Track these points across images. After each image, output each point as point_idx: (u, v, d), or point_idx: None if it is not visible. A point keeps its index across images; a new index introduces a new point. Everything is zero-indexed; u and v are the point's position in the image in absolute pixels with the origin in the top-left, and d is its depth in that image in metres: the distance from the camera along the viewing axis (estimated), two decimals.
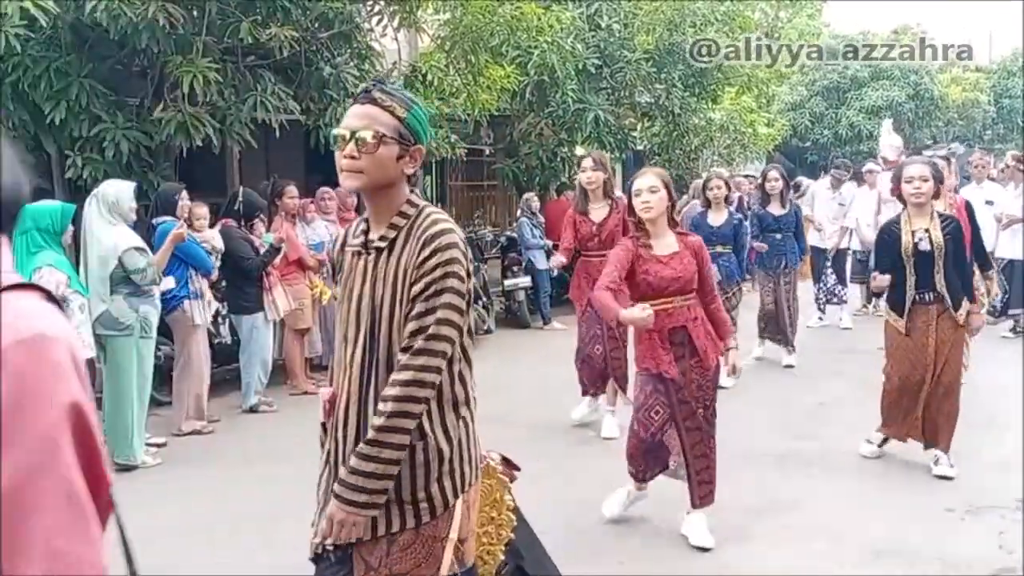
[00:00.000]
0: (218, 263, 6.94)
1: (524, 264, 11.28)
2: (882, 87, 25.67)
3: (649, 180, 4.47)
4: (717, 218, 7.82)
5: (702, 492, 4.61)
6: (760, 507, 5.05)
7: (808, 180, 13.40)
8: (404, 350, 2.27)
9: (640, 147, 14.71)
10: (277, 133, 7.90)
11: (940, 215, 5.39)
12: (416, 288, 2.27)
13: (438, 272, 2.26)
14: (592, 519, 4.92)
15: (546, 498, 5.25)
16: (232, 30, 7.31)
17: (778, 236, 8.51)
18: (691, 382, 4.50)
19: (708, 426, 4.59)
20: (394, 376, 2.27)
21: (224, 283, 7.30)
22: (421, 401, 2.26)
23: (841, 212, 10.72)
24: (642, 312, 4.03)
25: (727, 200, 7.95)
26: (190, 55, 7.09)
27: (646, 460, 4.68)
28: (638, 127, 14.35)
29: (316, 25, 8.19)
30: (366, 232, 2.44)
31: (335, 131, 2.34)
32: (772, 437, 6.40)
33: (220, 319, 7.63)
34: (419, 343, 2.25)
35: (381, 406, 2.27)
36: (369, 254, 2.39)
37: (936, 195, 5.39)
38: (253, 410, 7.27)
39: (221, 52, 7.50)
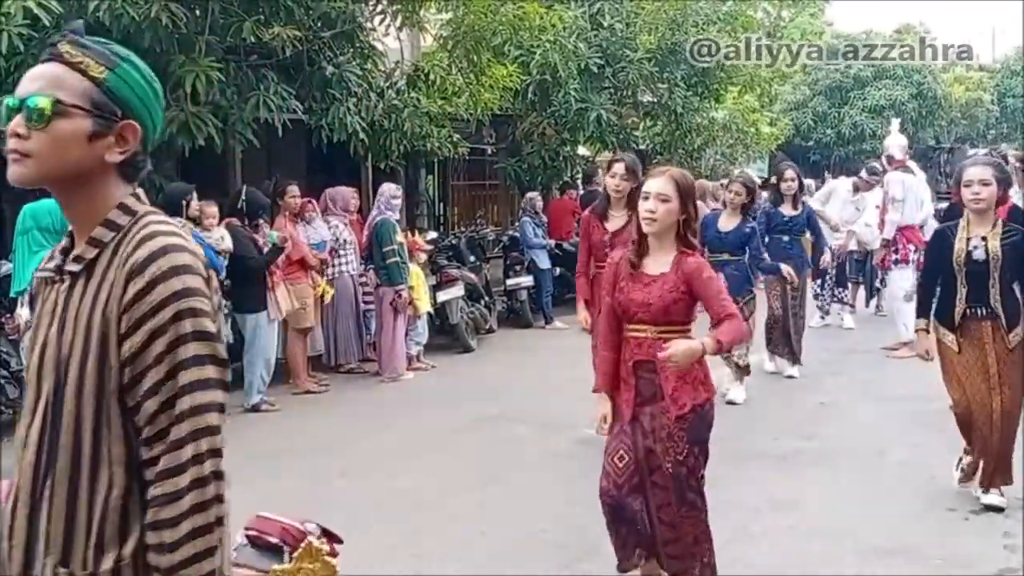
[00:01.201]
0: (226, 262, 6.96)
1: (526, 263, 11.29)
2: (885, 86, 25.64)
3: (660, 184, 3.63)
4: (728, 223, 7.37)
5: (670, 569, 3.75)
6: (760, 506, 5.06)
7: (831, 180, 13.45)
8: (149, 456, 1.56)
9: (643, 146, 14.70)
10: (280, 132, 7.91)
11: (1005, 223, 4.82)
12: (131, 343, 1.54)
13: (165, 314, 1.54)
14: (593, 518, 4.92)
15: (548, 497, 5.27)
16: (235, 29, 7.32)
17: (785, 238, 8.14)
18: (661, 428, 3.61)
19: (681, 487, 3.63)
20: (155, 514, 1.54)
21: (228, 282, 7.31)
22: (214, 530, 1.60)
23: (857, 216, 10.67)
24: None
25: (745, 208, 7.43)
26: (193, 54, 7.10)
27: (627, 535, 3.74)
28: (640, 126, 14.35)
29: (319, 24, 8.20)
30: (66, 250, 1.67)
31: (7, 100, 1.62)
32: (773, 436, 6.40)
33: (224, 318, 7.65)
34: (170, 443, 1.54)
35: None
36: (62, 281, 1.63)
37: (1002, 201, 4.94)
38: (255, 409, 7.28)
39: (224, 51, 7.50)
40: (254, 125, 7.71)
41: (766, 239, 8.16)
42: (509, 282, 11.34)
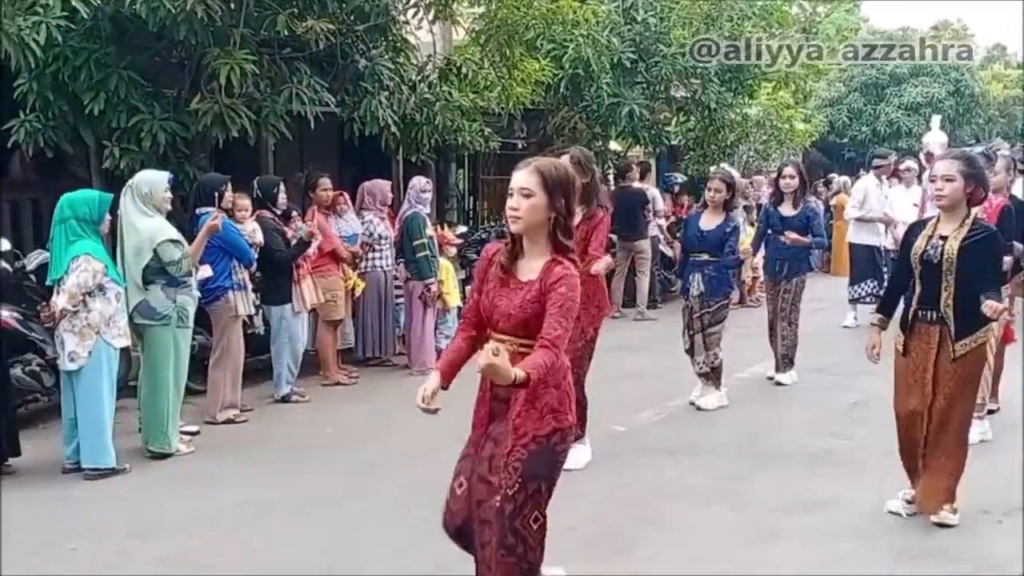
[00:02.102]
0: (256, 254, 7.00)
1: None
2: (922, 83, 25.30)
3: (522, 178, 3.17)
4: (709, 221, 7.03)
5: None
6: (790, 506, 5.01)
7: (843, 177, 13.24)
8: None
9: (675, 142, 14.62)
10: (312, 125, 7.94)
11: (975, 222, 4.52)
12: None
13: None
14: (625, 515, 4.92)
15: (578, 494, 5.26)
16: (269, 22, 7.36)
17: (782, 239, 7.72)
18: (500, 456, 3.22)
19: (503, 527, 3.16)
20: None
21: (259, 274, 7.36)
22: None
23: (886, 203, 10.53)
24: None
25: (727, 206, 7.08)
26: (227, 47, 7.15)
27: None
28: (673, 122, 14.25)
29: (352, 18, 8.23)
30: None
31: None
32: (804, 436, 6.35)
33: (254, 309, 7.70)
34: None
35: None
36: None
37: (977, 200, 4.56)
38: (285, 400, 7.33)
39: (258, 44, 7.55)
40: (287, 118, 7.75)
41: (767, 239, 7.97)
42: None
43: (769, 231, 7.94)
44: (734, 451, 6.01)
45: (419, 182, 8.53)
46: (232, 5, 7.20)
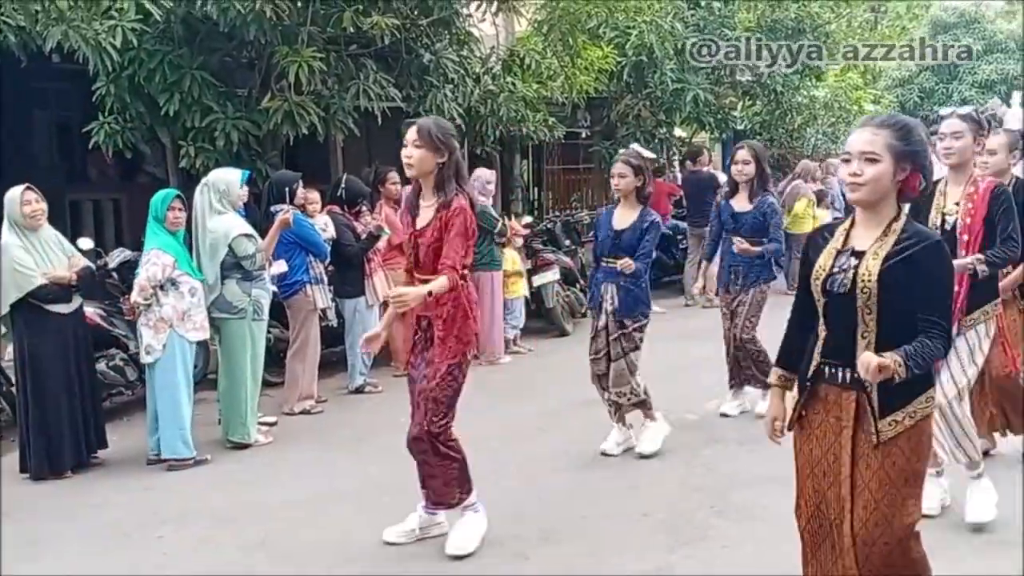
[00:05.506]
0: (329, 249, 7.14)
1: None
2: (996, 60, 24.55)
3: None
4: (622, 219, 5.57)
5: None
6: None
7: None
8: None
9: (741, 127, 14.44)
10: (379, 120, 8.04)
11: (911, 228, 2.85)
12: None
13: None
14: (702, 502, 4.91)
15: (652, 481, 5.26)
16: (335, 20, 7.46)
17: (733, 243, 6.28)
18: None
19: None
20: None
21: (332, 268, 7.49)
22: None
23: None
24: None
25: (641, 195, 5.55)
26: (295, 45, 7.27)
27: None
28: (739, 106, 14.08)
29: (416, 12, 8.29)
30: None
31: None
32: None
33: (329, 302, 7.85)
34: None
35: None
36: None
37: (908, 190, 2.86)
38: (359, 391, 7.46)
39: (325, 42, 7.66)
40: (354, 114, 7.87)
41: (722, 243, 6.49)
42: None
43: (719, 230, 6.51)
44: None
45: (484, 174, 8.58)
46: (299, 4, 7.32)
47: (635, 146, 5.81)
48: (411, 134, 4.08)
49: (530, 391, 7.36)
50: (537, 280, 9.51)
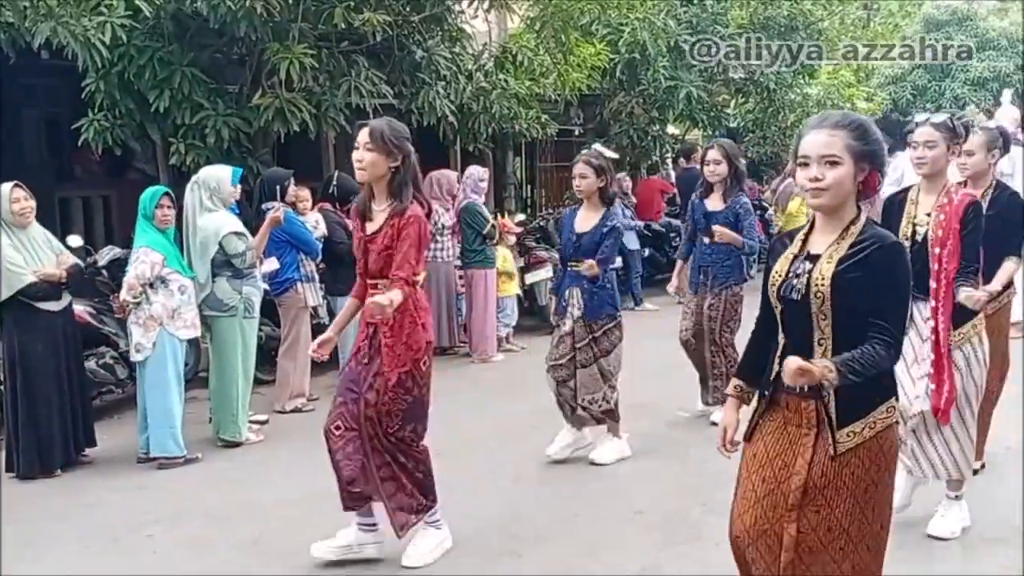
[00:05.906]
0: (321, 246, 7.10)
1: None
2: (989, 57, 24.60)
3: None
4: (584, 222, 5.44)
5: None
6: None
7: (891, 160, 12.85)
8: None
9: (734, 124, 14.44)
10: (371, 117, 7.99)
11: (869, 231, 2.73)
12: None
13: None
14: (695, 501, 4.89)
15: (644, 479, 5.25)
16: (326, 16, 7.44)
17: (707, 241, 6.14)
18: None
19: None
20: None
21: (323, 265, 7.46)
22: None
23: None
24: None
25: (604, 197, 5.41)
26: (286, 42, 7.25)
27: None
28: (732, 104, 14.08)
29: (408, 9, 8.27)
30: None
31: None
32: None
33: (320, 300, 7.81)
34: None
35: None
36: None
37: (867, 190, 2.76)
38: None
39: (316, 38, 7.64)
40: (346, 111, 7.84)
41: (694, 242, 6.34)
42: None
43: (692, 230, 6.38)
44: None
45: (476, 171, 8.55)
46: (290, 0, 7.29)
47: (597, 146, 5.64)
48: (363, 136, 3.95)
49: (523, 389, 7.33)
50: (530, 278, 9.50)
